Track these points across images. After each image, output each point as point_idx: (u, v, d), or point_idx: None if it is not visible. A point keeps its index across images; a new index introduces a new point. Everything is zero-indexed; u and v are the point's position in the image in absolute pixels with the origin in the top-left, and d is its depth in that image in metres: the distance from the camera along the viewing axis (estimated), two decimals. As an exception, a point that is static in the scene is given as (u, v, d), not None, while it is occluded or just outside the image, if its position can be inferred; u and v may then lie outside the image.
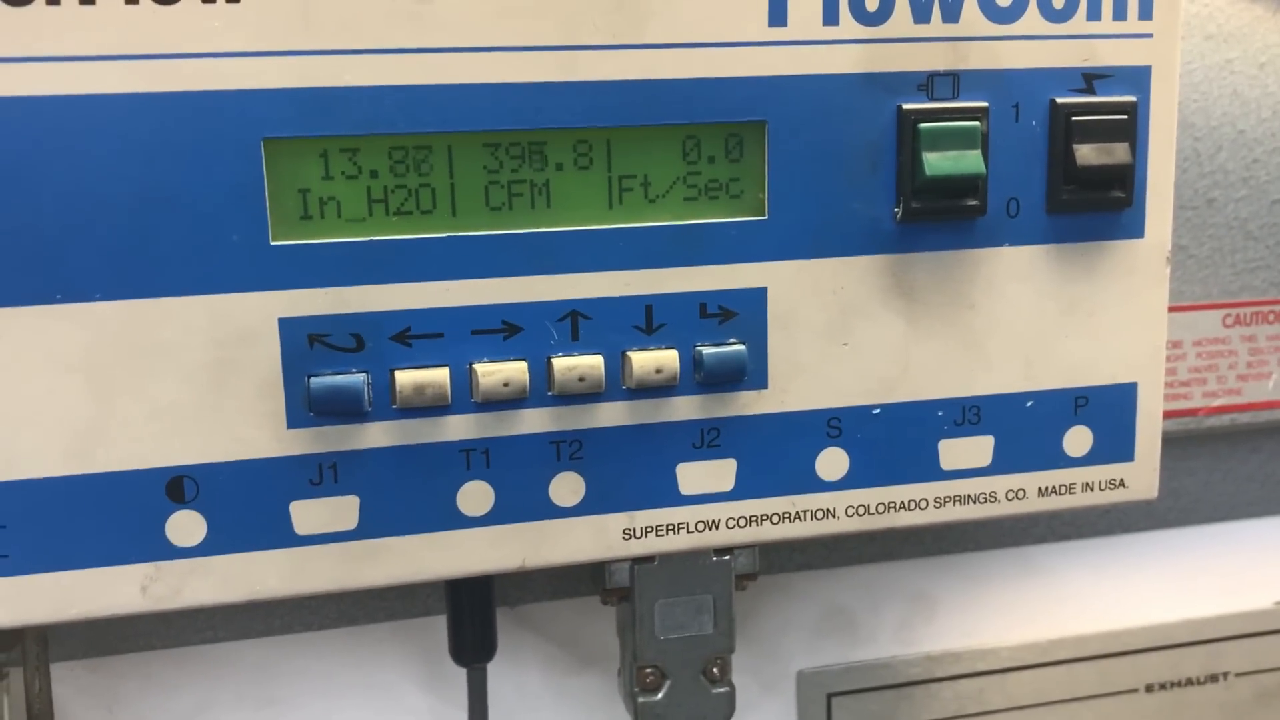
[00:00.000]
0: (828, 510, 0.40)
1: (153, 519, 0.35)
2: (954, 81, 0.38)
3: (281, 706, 0.49)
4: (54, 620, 0.35)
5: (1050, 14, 0.38)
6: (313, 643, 0.49)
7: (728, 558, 0.43)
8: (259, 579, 0.36)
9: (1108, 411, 0.41)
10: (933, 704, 0.55)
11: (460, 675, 0.46)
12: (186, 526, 0.35)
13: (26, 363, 0.33)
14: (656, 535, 0.39)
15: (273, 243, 0.34)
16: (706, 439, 0.38)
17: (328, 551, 0.36)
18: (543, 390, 0.37)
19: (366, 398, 0.35)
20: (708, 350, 0.38)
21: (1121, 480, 0.42)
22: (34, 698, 0.42)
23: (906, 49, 0.37)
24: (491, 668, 0.46)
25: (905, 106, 0.37)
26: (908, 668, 0.55)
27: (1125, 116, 0.39)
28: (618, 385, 0.37)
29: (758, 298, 0.38)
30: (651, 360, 0.37)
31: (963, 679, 0.56)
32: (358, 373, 0.35)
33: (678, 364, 0.37)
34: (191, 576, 0.35)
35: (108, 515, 0.35)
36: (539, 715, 0.52)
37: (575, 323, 0.37)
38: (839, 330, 0.39)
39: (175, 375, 0.34)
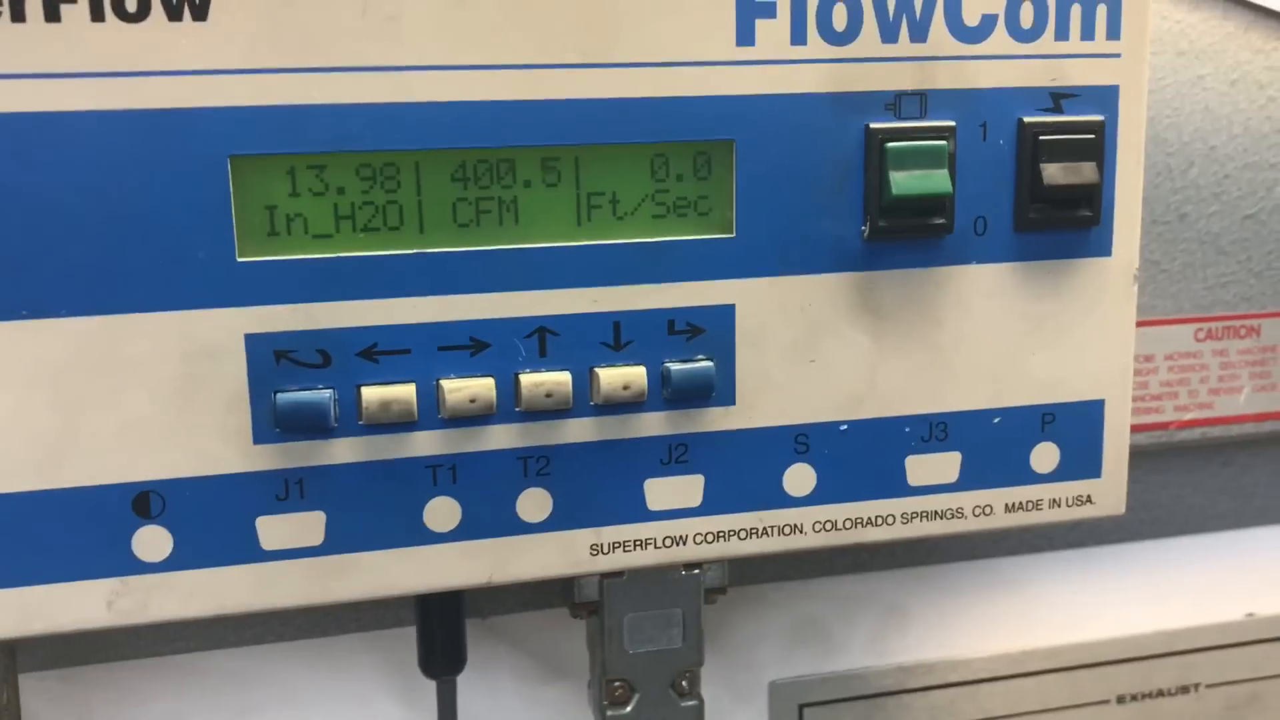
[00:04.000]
0: (795, 526, 0.40)
1: (119, 534, 0.35)
2: (921, 101, 0.38)
3: (254, 716, 0.49)
4: (20, 635, 0.35)
5: (1018, 33, 0.38)
6: (284, 653, 0.49)
7: (696, 572, 0.43)
8: (226, 594, 0.36)
9: (1075, 428, 0.42)
10: (905, 715, 0.56)
11: (431, 685, 0.46)
12: (153, 542, 0.35)
13: (-8, 378, 0.33)
14: (624, 551, 0.39)
15: (239, 259, 0.34)
16: (674, 455, 0.39)
17: (294, 567, 0.36)
18: (510, 406, 0.37)
19: (333, 414, 0.35)
20: (675, 367, 0.38)
21: (1089, 496, 0.42)
22: (2, 709, 0.42)
23: (874, 69, 0.37)
24: (463, 678, 0.46)
25: (873, 126, 0.38)
26: (880, 678, 0.55)
27: (1093, 136, 0.39)
28: (585, 401, 0.37)
29: (726, 315, 0.38)
30: (619, 377, 0.37)
31: (935, 690, 0.56)
32: (324, 389, 0.35)
33: (645, 380, 0.37)
34: (158, 591, 0.36)
35: (74, 530, 0.35)
36: (510, 726, 0.52)
37: (543, 339, 0.37)
38: (807, 347, 0.39)
39: (142, 391, 0.34)
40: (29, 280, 0.33)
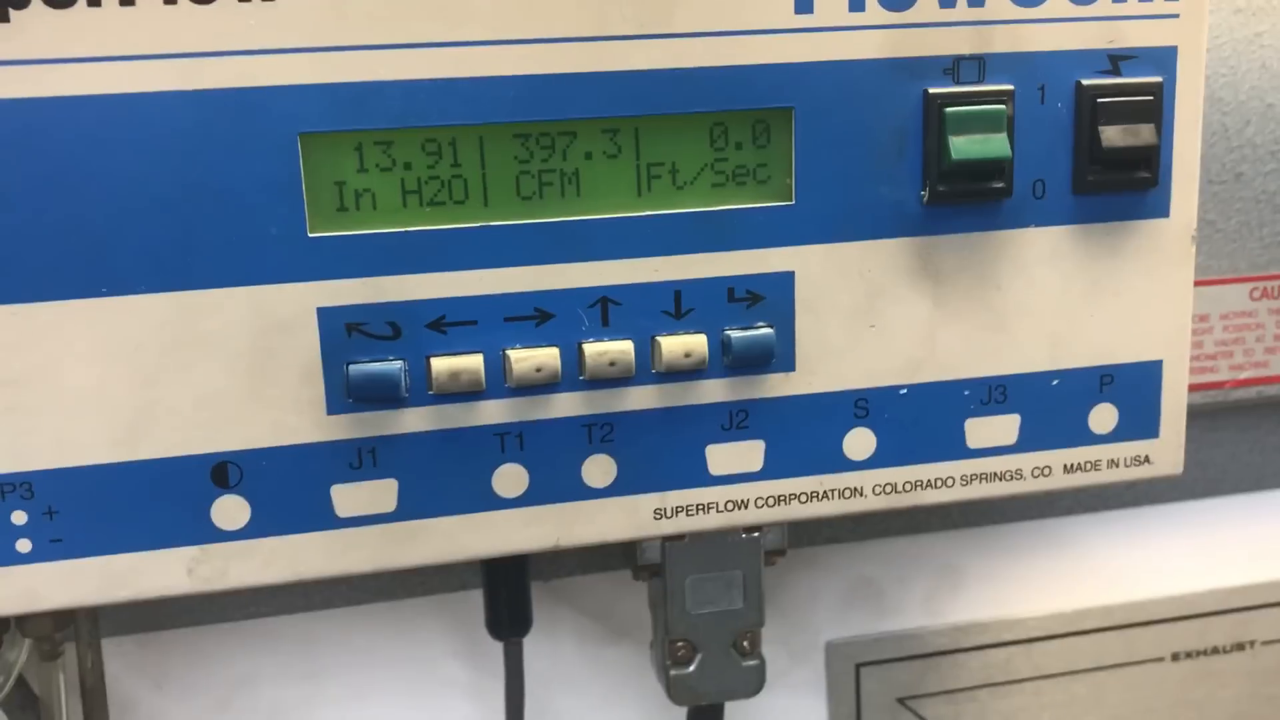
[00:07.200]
0: (855, 489, 0.41)
1: (198, 504, 0.36)
2: (980, 65, 0.38)
3: (322, 679, 0.51)
4: (104, 601, 0.36)
5: (1076, -5, 0.38)
6: (353, 617, 0.50)
7: (757, 535, 0.43)
8: (301, 560, 0.37)
9: (1133, 389, 0.42)
10: (960, 674, 0.56)
11: (497, 647, 0.47)
12: (231, 511, 0.36)
13: (76, 354, 0.34)
14: (687, 515, 0.39)
15: (310, 234, 0.35)
16: (735, 421, 0.39)
17: (368, 533, 0.37)
18: (574, 375, 0.38)
19: (403, 384, 0.36)
20: (736, 334, 0.38)
21: (1147, 457, 0.43)
22: (87, 673, 0.44)
23: (932, 34, 0.37)
24: (527, 640, 0.47)
25: (931, 91, 0.38)
26: (935, 638, 0.56)
27: (1151, 97, 0.39)
28: (647, 369, 0.38)
29: (785, 281, 0.38)
30: (680, 345, 0.38)
31: (990, 649, 0.56)
32: (395, 360, 0.36)
33: (706, 348, 0.38)
34: (236, 559, 0.37)
35: (155, 500, 0.36)
36: (573, 687, 0.53)
37: (606, 309, 0.37)
38: (866, 312, 0.39)
39: (218, 364, 0.35)
40: (108, 259, 0.34)
